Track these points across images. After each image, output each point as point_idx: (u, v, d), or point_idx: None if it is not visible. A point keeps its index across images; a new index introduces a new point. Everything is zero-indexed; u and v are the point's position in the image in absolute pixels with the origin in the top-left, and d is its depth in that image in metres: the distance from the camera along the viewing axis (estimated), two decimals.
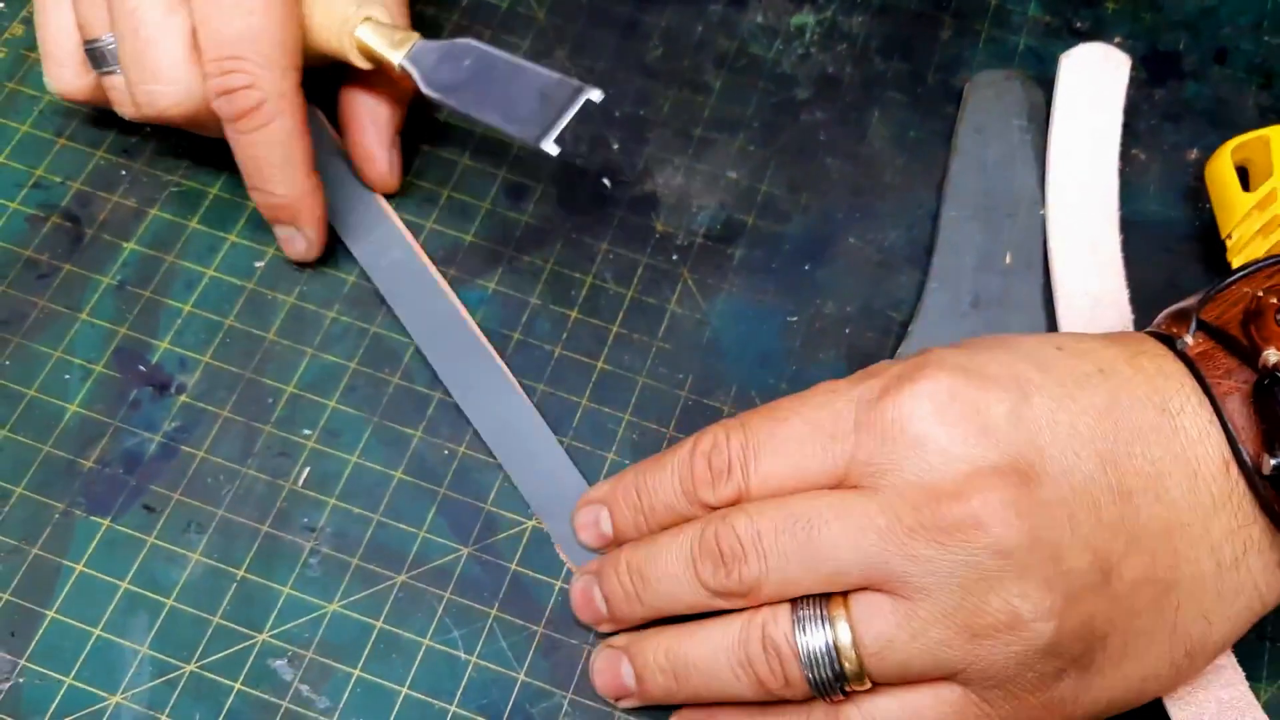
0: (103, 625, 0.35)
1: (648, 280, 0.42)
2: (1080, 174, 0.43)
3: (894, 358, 0.39)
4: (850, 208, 0.44)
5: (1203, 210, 0.44)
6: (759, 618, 0.31)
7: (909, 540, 0.29)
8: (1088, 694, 0.30)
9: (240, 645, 0.35)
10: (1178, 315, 0.32)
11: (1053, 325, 0.41)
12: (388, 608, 0.36)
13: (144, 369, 0.39)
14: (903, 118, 0.45)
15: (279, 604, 0.36)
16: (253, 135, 0.37)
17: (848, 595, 0.30)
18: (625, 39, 0.46)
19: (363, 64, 0.39)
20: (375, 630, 0.36)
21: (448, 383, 0.39)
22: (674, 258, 0.42)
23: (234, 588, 0.36)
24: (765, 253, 0.42)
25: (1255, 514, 0.30)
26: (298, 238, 0.40)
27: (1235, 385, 0.30)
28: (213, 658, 0.35)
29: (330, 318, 0.40)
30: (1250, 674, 0.34)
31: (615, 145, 0.44)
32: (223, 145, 0.39)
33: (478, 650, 0.36)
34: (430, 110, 0.44)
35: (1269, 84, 0.46)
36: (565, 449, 0.39)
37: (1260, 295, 0.31)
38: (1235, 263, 0.40)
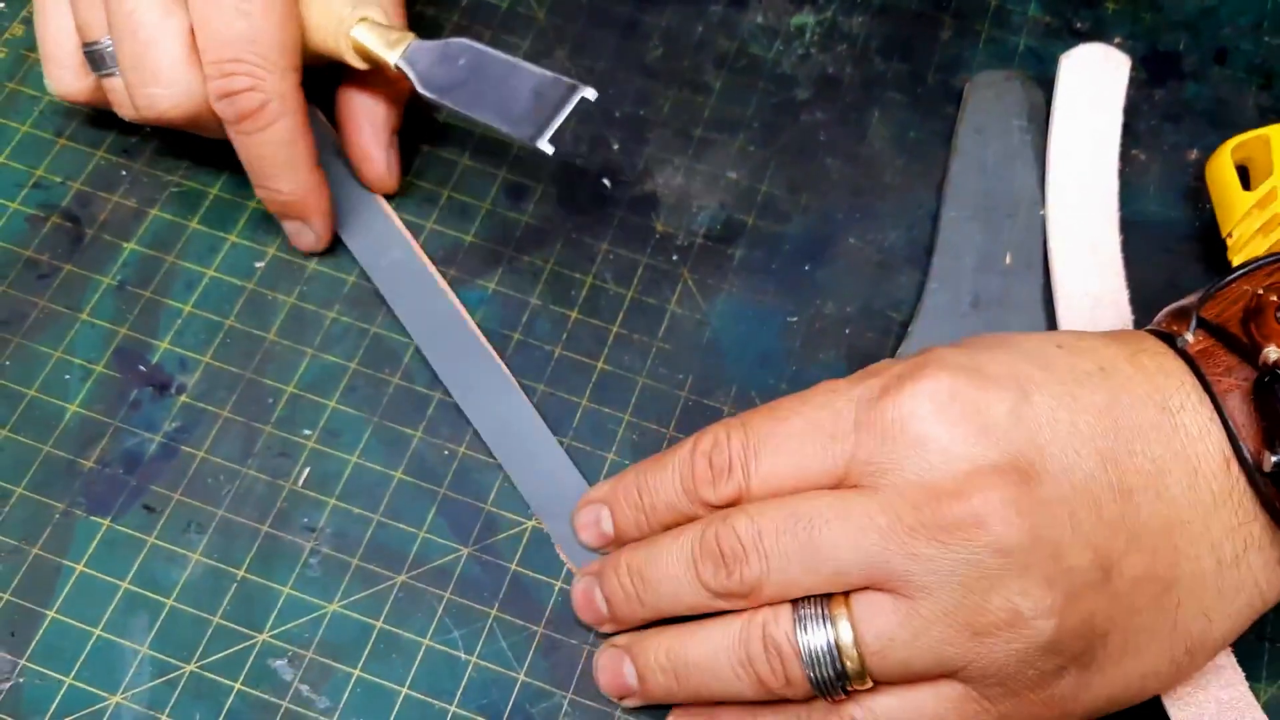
0: (103, 625, 0.35)
1: (648, 280, 0.42)
2: (1080, 174, 0.43)
3: (894, 358, 0.39)
4: (850, 208, 0.44)
5: (1203, 210, 0.44)
6: (759, 617, 0.31)
7: (910, 539, 0.29)
8: (1088, 691, 0.30)
9: (240, 645, 0.35)
10: (1178, 313, 0.32)
11: (1053, 325, 0.41)
12: (388, 608, 0.36)
13: (144, 369, 0.39)
14: (903, 118, 0.45)
15: (279, 604, 0.36)
16: (256, 136, 0.37)
17: (849, 594, 0.30)
18: (625, 39, 0.46)
19: (359, 64, 0.39)
20: (375, 630, 0.36)
21: (448, 383, 0.39)
22: (674, 258, 0.42)
23: (234, 588, 0.36)
24: (765, 253, 0.42)
25: (1256, 511, 0.30)
26: (305, 231, 0.40)
27: (1235, 383, 0.30)
28: (213, 658, 0.35)
29: (330, 318, 0.40)
30: (1250, 674, 0.34)
31: (615, 145, 0.44)
32: (223, 146, 0.39)
33: (478, 650, 0.36)
34: (430, 110, 0.44)
35: (1269, 84, 0.46)
36: (565, 449, 0.39)
37: (1260, 293, 0.31)
38: (1236, 261, 0.40)
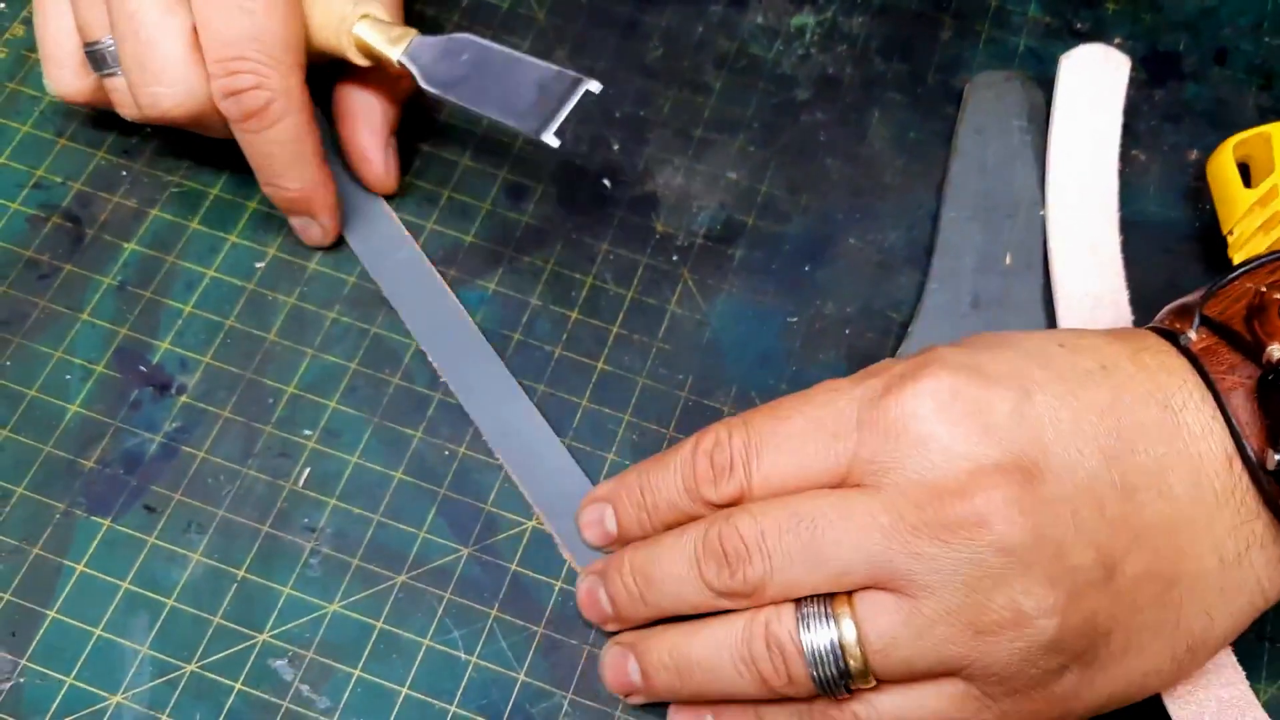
0: (103, 625, 0.35)
1: (648, 281, 0.42)
2: (1080, 175, 0.43)
3: (894, 358, 0.39)
4: (850, 208, 0.44)
5: (1203, 211, 0.44)
6: (762, 615, 0.31)
7: (913, 539, 0.29)
8: (1090, 689, 0.30)
9: (241, 645, 0.35)
10: (1180, 311, 0.32)
11: (1052, 326, 0.41)
12: (388, 608, 0.36)
13: (145, 369, 0.39)
14: (903, 118, 0.45)
15: (279, 604, 0.36)
16: (262, 134, 0.37)
17: (851, 593, 0.30)
18: (625, 39, 0.46)
19: (361, 61, 0.39)
20: (375, 630, 0.36)
21: (451, 383, 0.39)
22: (674, 258, 0.42)
23: (234, 588, 0.36)
24: (765, 253, 0.43)
25: (1258, 509, 0.30)
26: (313, 226, 0.40)
27: (1239, 381, 0.30)
28: (213, 658, 0.35)
29: (331, 318, 0.40)
30: (1250, 674, 0.34)
31: (615, 145, 0.44)
32: (223, 146, 0.39)
33: (478, 650, 0.36)
34: (430, 110, 0.44)
35: (1269, 85, 0.46)
36: (565, 449, 0.39)
37: (1264, 290, 0.31)
38: (1236, 259, 0.40)
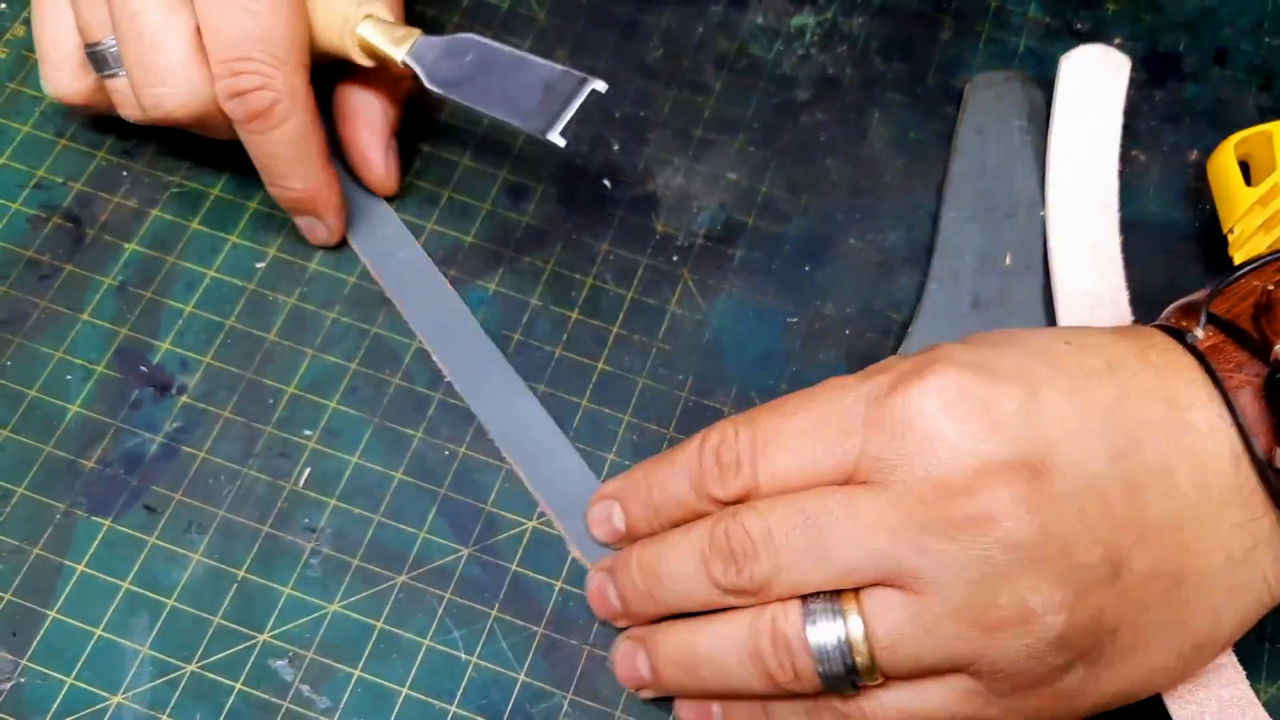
0: (104, 625, 0.35)
1: (648, 281, 0.42)
2: (1080, 175, 0.43)
3: (899, 355, 0.39)
4: (850, 209, 0.44)
5: (1203, 211, 0.44)
6: (768, 613, 0.31)
7: (920, 536, 0.29)
8: (1096, 686, 0.30)
9: (241, 645, 0.35)
10: (1186, 309, 0.32)
11: (1053, 325, 0.41)
12: (388, 608, 0.36)
13: (145, 369, 0.39)
14: (903, 119, 0.45)
15: (280, 604, 0.36)
16: (268, 135, 0.36)
17: (859, 590, 0.30)
18: (625, 39, 0.46)
19: (365, 61, 0.39)
20: (376, 630, 0.36)
21: (456, 383, 0.39)
22: (674, 258, 0.42)
23: (235, 588, 0.36)
24: (765, 253, 0.43)
25: (1266, 507, 0.30)
26: (319, 226, 0.40)
27: (1246, 379, 0.30)
28: (213, 658, 0.35)
29: (331, 319, 0.40)
30: (1250, 674, 0.34)
31: (615, 146, 0.44)
32: (224, 146, 0.39)
33: (478, 650, 0.36)
34: (431, 111, 0.44)
35: (1269, 85, 0.46)
36: (573, 447, 0.39)
37: (1270, 289, 0.31)
38: (1237, 258, 0.40)
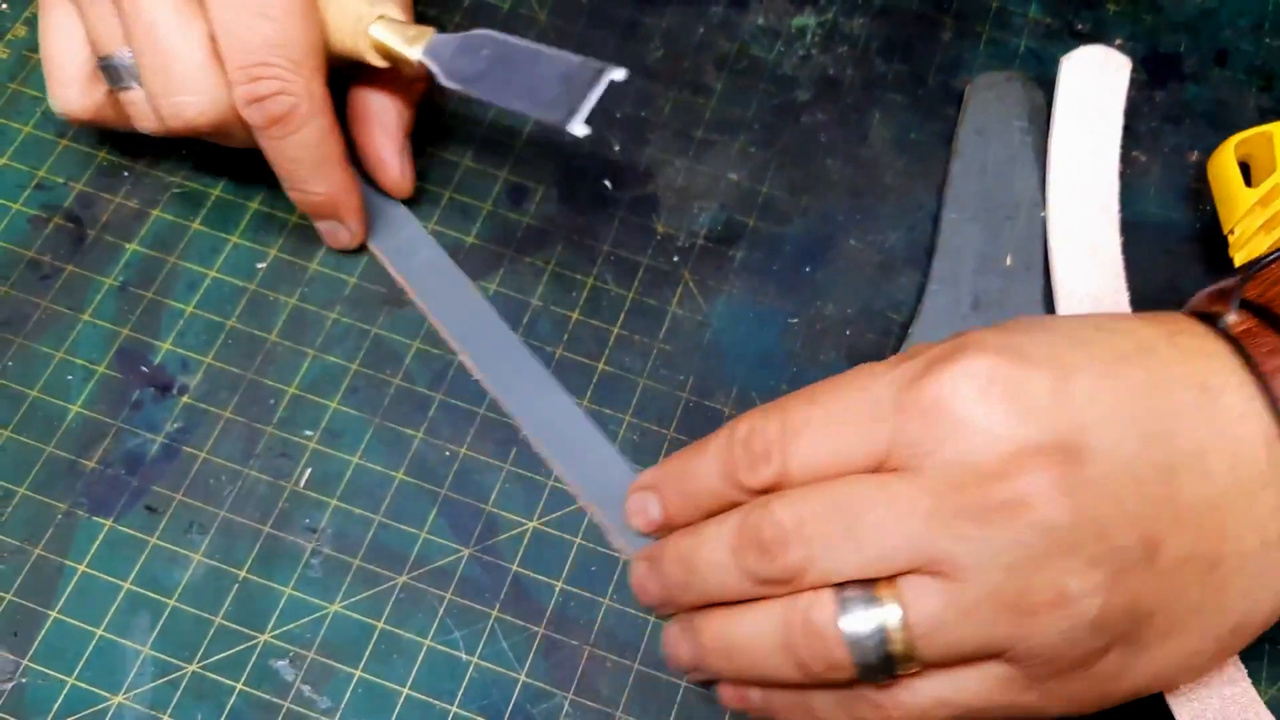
0: (105, 626, 0.35)
1: (648, 281, 0.42)
2: (1081, 176, 0.43)
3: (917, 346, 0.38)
4: (851, 209, 0.44)
5: (1203, 212, 0.44)
6: (801, 602, 0.31)
7: (955, 521, 0.29)
8: (1133, 670, 0.30)
9: (242, 646, 0.36)
10: (1217, 295, 0.32)
11: None
12: (389, 608, 0.36)
13: (146, 370, 0.39)
14: (903, 119, 0.45)
15: (280, 604, 0.36)
16: (288, 140, 0.36)
17: (893, 578, 0.30)
18: (626, 40, 0.46)
19: (379, 62, 0.38)
20: (376, 631, 0.36)
21: (487, 379, 0.39)
22: (675, 259, 0.42)
23: (236, 588, 0.36)
24: (766, 254, 0.43)
25: None
26: (341, 229, 0.40)
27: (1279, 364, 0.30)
28: (214, 658, 0.35)
29: (331, 319, 0.41)
30: (1250, 675, 0.34)
31: (616, 146, 0.44)
32: (224, 147, 0.39)
33: (478, 651, 0.36)
34: (432, 112, 0.44)
35: (1269, 86, 0.46)
36: (606, 439, 0.39)
37: None
38: (1237, 259, 0.40)
